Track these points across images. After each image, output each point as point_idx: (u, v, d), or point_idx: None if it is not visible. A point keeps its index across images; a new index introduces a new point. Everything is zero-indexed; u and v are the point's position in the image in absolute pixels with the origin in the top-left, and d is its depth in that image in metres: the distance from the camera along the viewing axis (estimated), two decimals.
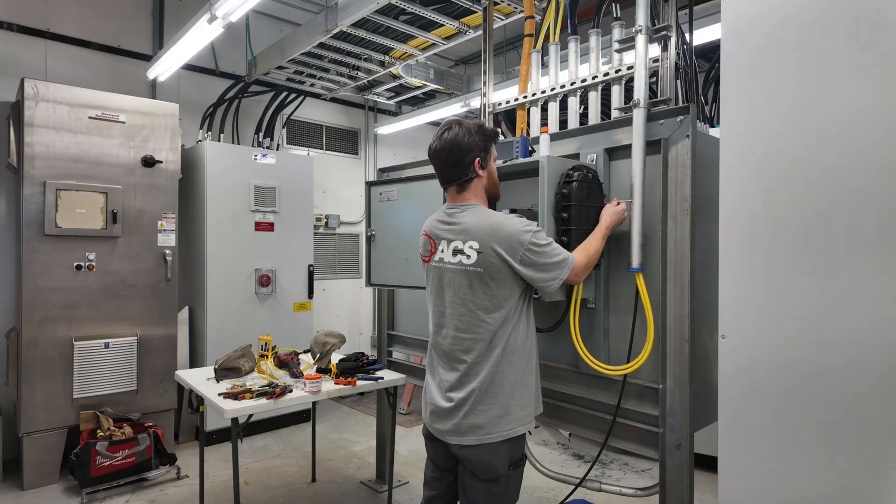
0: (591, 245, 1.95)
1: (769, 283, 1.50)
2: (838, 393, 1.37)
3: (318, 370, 2.81)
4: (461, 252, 1.82)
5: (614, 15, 2.43)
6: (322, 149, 5.92)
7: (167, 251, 3.90)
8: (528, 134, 2.69)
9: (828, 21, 1.38)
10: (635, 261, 2.03)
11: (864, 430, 1.33)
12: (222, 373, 2.80)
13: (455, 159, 1.85)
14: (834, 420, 1.38)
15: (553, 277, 1.80)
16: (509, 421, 1.79)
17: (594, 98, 2.44)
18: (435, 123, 6.60)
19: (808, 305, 1.42)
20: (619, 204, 2.05)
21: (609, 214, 2.03)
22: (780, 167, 1.47)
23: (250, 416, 2.41)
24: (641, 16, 2.06)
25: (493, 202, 2.00)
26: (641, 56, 2.06)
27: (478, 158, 1.86)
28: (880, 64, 1.30)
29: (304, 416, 4.69)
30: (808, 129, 1.42)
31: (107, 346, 3.64)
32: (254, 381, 2.73)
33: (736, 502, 1.55)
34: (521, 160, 2.23)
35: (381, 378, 2.82)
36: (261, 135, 4.89)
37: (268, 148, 4.84)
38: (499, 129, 2.52)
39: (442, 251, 1.88)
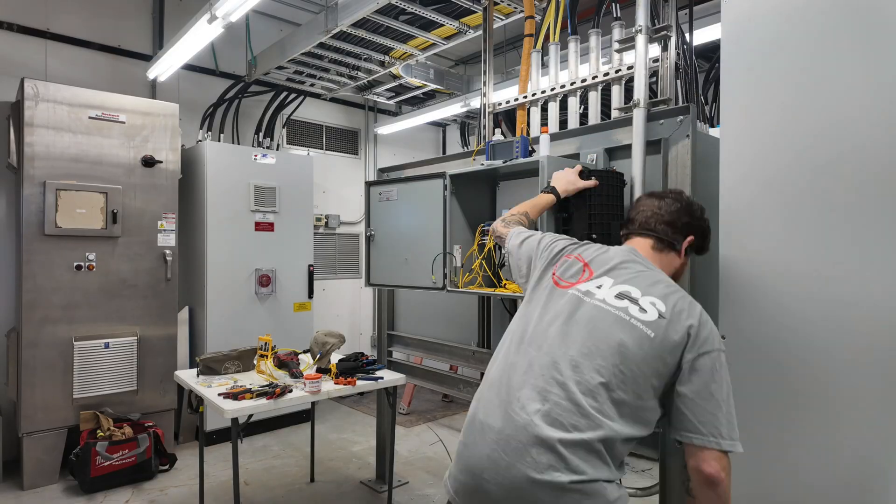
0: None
1: (769, 284, 1.49)
2: (838, 392, 1.37)
3: (318, 370, 2.81)
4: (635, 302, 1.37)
5: (614, 15, 2.43)
6: (322, 149, 5.92)
7: (167, 251, 3.90)
8: (528, 134, 2.69)
9: (827, 21, 1.38)
10: None
11: (864, 430, 1.33)
12: (203, 368, 2.87)
13: (680, 220, 1.56)
14: (834, 419, 1.38)
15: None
16: None
17: (594, 98, 2.44)
18: (435, 123, 6.61)
19: (809, 305, 1.42)
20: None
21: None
22: (779, 166, 1.47)
23: (250, 416, 2.41)
24: (641, 16, 2.06)
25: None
26: (641, 56, 2.06)
27: (693, 237, 1.57)
28: (880, 64, 1.30)
29: (303, 416, 4.69)
30: (808, 128, 1.42)
31: (107, 346, 3.64)
32: (253, 380, 2.73)
33: (736, 502, 1.55)
34: (521, 160, 2.23)
35: (381, 378, 2.82)
36: (261, 135, 4.89)
37: (268, 148, 4.84)
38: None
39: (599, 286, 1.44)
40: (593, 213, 1.99)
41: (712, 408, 1.24)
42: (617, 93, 2.34)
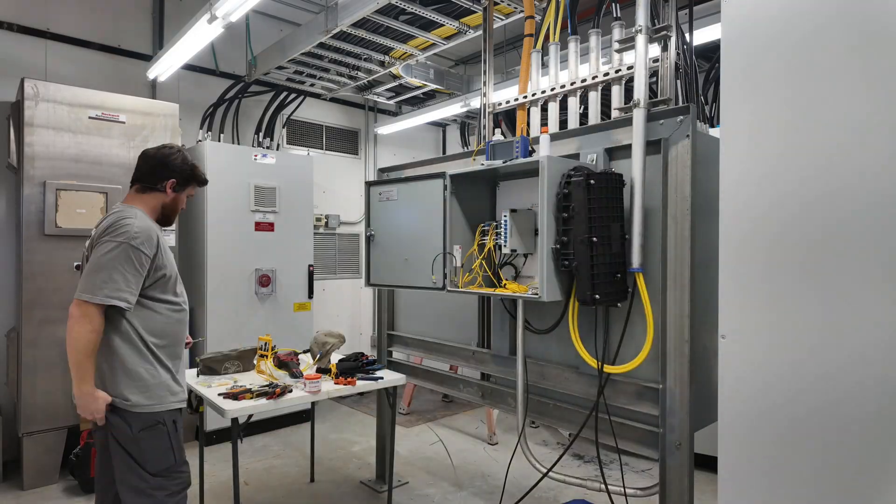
0: (81, 351, 2.00)
1: (769, 283, 1.49)
2: (839, 392, 1.37)
3: (318, 370, 2.81)
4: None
5: (614, 15, 2.43)
6: (322, 149, 5.92)
7: None
8: (528, 134, 2.70)
9: (827, 21, 1.38)
10: (635, 261, 2.03)
11: (865, 429, 1.33)
12: (203, 368, 2.88)
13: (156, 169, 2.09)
14: (834, 419, 1.38)
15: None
16: None
17: (594, 98, 2.44)
18: (435, 123, 6.60)
19: (809, 304, 1.42)
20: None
21: (86, 395, 1.94)
22: (779, 166, 1.47)
23: (250, 416, 2.41)
24: (641, 16, 2.06)
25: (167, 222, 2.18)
26: (641, 56, 2.06)
27: (174, 180, 2.10)
28: (880, 64, 1.30)
29: (303, 416, 4.68)
30: (808, 127, 1.42)
31: None
32: (253, 380, 2.73)
33: (736, 502, 1.55)
34: (521, 160, 2.23)
35: (381, 378, 2.82)
36: (261, 135, 4.89)
37: (268, 148, 4.84)
38: None
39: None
40: (593, 216, 2.00)
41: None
42: (617, 93, 2.34)
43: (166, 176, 2.09)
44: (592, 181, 2.01)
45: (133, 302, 1.93)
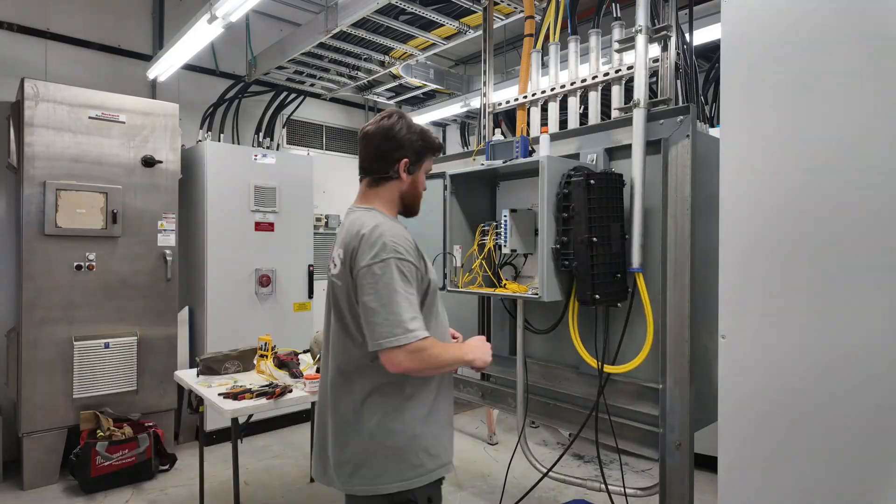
0: (448, 353, 1.56)
1: (769, 283, 1.49)
2: (839, 392, 1.37)
3: (318, 370, 2.81)
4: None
5: (614, 15, 2.43)
6: (322, 149, 5.92)
7: (167, 251, 3.90)
8: (528, 134, 2.69)
9: (828, 21, 1.38)
10: (635, 261, 2.03)
11: (864, 429, 1.33)
12: (203, 368, 2.86)
13: (370, 151, 1.64)
14: (834, 419, 1.38)
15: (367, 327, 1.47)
16: None
17: (594, 98, 2.44)
18: (435, 123, 6.60)
19: (809, 304, 1.42)
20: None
21: (474, 348, 1.66)
22: (780, 166, 1.47)
23: (250, 416, 2.42)
24: (641, 16, 2.06)
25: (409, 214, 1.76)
26: (641, 56, 2.06)
27: (406, 160, 1.64)
28: (882, 64, 1.30)
29: (303, 416, 4.68)
30: (808, 127, 1.42)
31: (107, 346, 3.64)
32: (253, 380, 2.73)
33: (736, 502, 1.55)
34: (521, 160, 2.23)
35: None
36: (261, 135, 4.89)
37: (268, 148, 4.84)
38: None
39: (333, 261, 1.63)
40: (593, 216, 2.00)
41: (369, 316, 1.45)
42: (617, 93, 2.34)
43: (395, 157, 1.61)
44: (592, 181, 2.00)
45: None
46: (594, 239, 1.99)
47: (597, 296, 2.01)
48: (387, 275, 1.44)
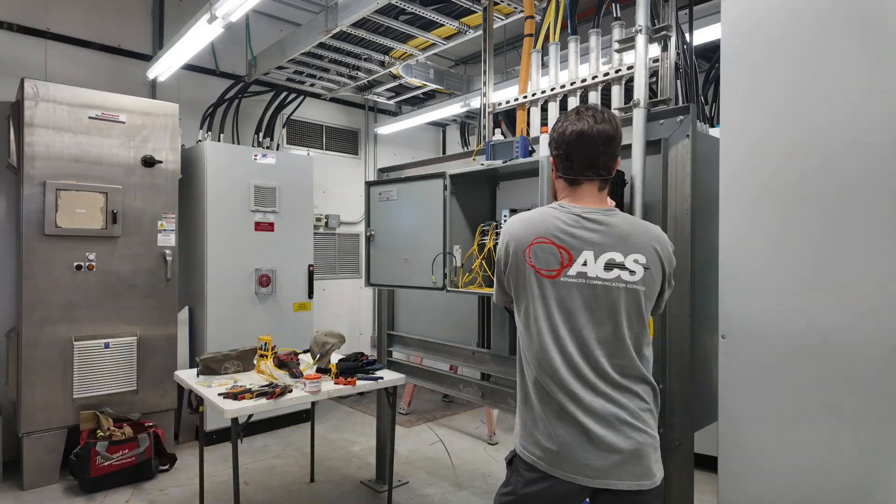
0: None
1: (769, 283, 1.49)
2: (838, 392, 1.37)
3: (318, 370, 2.81)
4: (620, 266, 1.46)
5: (614, 15, 2.43)
6: (322, 149, 5.92)
7: (167, 251, 3.90)
8: (528, 134, 2.69)
9: (827, 21, 1.38)
10: None
11: (864, 430, 1.33)
12: (203, 368, 2.86)
13: (614, 151, 1.52)
14: (834, 419, 1.38)
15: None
16: None
17: (594, 98, 2.44)
18: (435, 123, 6.60)
19: (809, 304, 1.42)
20: None
21: None
22: (779, 166, 1.47)
23: (250, 416, 2.41)
24: (641, 16, 2.06)
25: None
26: (641, 56, 2.06)
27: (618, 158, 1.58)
28: (879, 64, 1.30)
29: (303, 416, 4.69)
30: (808, 128, 1.42)
31: (107, 346, 3.64)
32: (253, 380, 2.73)
33: (736, 502, 1.55)
34: (521, 160, 2.23)
35: (381, 378, 2.82)
36: (261, 135, 4.89)
37: (268, 148, 4.84)
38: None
39: (584, 264, 1.47)
40: None
41: None
42: (617, 93, 2.34)
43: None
44: None
45: None
46: None
47: None
48: None
